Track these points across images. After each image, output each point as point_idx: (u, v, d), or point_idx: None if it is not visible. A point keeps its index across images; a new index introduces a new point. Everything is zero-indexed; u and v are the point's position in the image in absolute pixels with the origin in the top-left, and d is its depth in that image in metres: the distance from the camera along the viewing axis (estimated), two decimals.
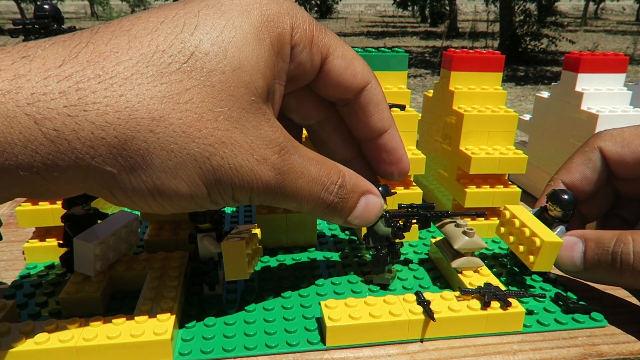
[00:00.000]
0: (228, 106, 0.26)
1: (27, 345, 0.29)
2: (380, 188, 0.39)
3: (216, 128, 0.26)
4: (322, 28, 0.33)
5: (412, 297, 0.34)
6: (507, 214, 0.41)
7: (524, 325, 0.34)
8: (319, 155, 0.32)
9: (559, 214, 0.40)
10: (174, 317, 0.32)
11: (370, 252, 0.40)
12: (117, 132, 0.24)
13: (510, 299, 0.34)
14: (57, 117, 0.23)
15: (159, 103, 0.25)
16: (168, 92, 0.25)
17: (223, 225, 0.39)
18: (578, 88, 0.54)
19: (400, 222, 0.40)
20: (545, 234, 0.37)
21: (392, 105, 0.47)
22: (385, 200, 0.39)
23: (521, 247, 0.39)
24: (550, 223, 0.40)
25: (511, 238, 0.40)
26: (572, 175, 0.43)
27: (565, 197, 0.39)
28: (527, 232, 0.38)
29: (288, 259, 0.44)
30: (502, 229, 0.42)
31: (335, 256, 0.45)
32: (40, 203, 0.42)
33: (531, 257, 0.37)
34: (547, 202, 0.40)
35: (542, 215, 0.41)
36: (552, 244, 0.37)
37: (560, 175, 0.43)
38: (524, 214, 0.40)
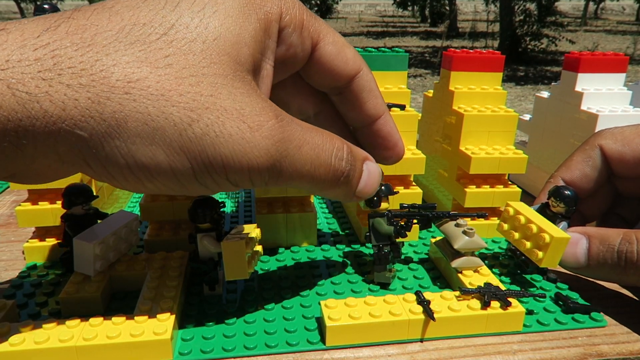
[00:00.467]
0: (212, 72, 0.25)
1: (27, 344, 0.29)
2: (382, 187, 0.39)
3: (199, 93, 0.25)
4: (313, 14, 0.32)
5: (412, 296, 0.34)
6: (511, 210, 0.41)
7: (524, 325, 0.34)
8: (316, 127, 0.30)
9: (562, 210, 0.40)
10: (173, 316, 0.32)
11: (371, 251, 0.40)
12: (91, 94, 0.23)
13: (510, 299, 0.34)
14: (30, 80, 0.23)
15: (136, 67, 0.24)
16: (146, 57, 0.24)
17: (223, 225, 0.39)
18: (578, 88, 0.54)
19: (401, 222, 0.40)
20: (552, 229, 0.37)
21: (392, 105, 0.47)
22: (387, 199, 0.39)
23: (527, 244, 0.39)
24: (553, 219, 0.40)
25: (515, 234, 0.40)
26: (572, 173, 0.43)
27: (568, 192, 0.40)
28: (534, 228, 0.38)
29: (288, 259, 0.44)
30: (505, 226, 0.41)
31: (335, 256, 0.45)
32: (40, 203, 0.42)
33: (539, 254, 0.37)
34: (548, 199, 0.41)
35: (544, 211, 0.41)
36: (560, 239, 0.37)
37: (560, 173, 0.44)
38: (527, 211, 0.40)
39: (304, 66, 0.33)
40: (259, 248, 0.38)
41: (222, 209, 0.39)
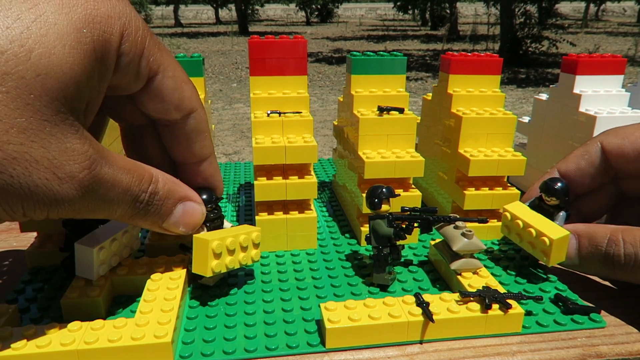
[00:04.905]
0: (25, 117, 0.23)
1: (28, 348, 0.29)
2: (384, 189, 0.39)
3: (6, 142, 0.22)
4: (157, 42, 0.30)
5: (411, 298, 0.35)
6: (508, 215, 0.42)
7: (523, 327, 0.35)
8: (130, 161, 0.30)
9: (557, 202, 0.41)
10: (174, 320, 0.32)
11: (371, 254, 0.40)
12: None
13: (509, 301, 0.34)
14: None
15: None
16: None
17: (221, 219, 0.40)
18: (576, 90, 0.55)
19: (402, 224, 0.40)
20: (550, 230, 0.38)
21: (390, 109, 0.47)
22: (389, 201, 0.39)
23: (532, 247, 0.40)
24: (551, 212, 0.41)
25: (519, 238, 0.41)
26: (567, 165, 0.44)
27: (557, 185, 0.40)
28: (533, 232, 0.39)
29: (288, 261, 0.44)
30: (507, 231, 0.42)
31: (335, 258, 0.45)
32: None
33: (545, 257, 0.38)
34: (541, 194, 0.41)
35: (540, 205, 0.42)
36: (560, 239, 0.38)
37: (557, 165, 0.44)
38: (524, 212, 0.41)
39: (137, 92, 0.32)
40: (252, 252, 0.38)
41: (218, 202, 0.39)
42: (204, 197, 0.37)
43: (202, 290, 0.39)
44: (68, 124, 0.25)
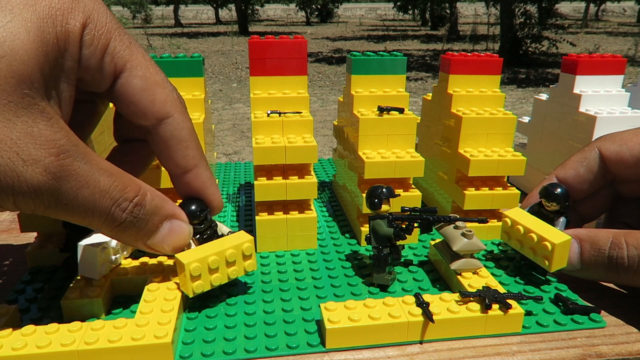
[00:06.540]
0: None
1: (29, 349, 0.29)
2: (384, 189, 0.39)
3: None
4: (128, 40, 0.30)
5: (411, 299, 0.35)
6: (508, 222, 0.41)
7: (523, 327, 0.35)
8: (116, 168, 0.29)
9: (557, 208, 0.40)
10: (174, 320, 0.32)
11: (371, 254, 0.40)
12: None
13: (509, 301, 0.34)
14: None
15: None
16: None
17: (213, 227, 0.39)
18: (576, 90, 0.55)
19: (403, 225, 0.40)
20: (552, 235, 0.38)
21: (390, 109, 0.48)
22: (389, 201, 0.39)
23: (533, 253, 0.39)
24: (551, 218, 0.41)
25: (520, 244, 0.41)
26: (566, 172, 0.44)
27: (557, 191, 0.40)
28: (535, 237, 0.39)
29: (288, 261, 0.44)
30: (507, 237, 0.42)
31: (335, 258, 0.45)
32: None
33: (546, 262, 0.38)
34: (541, 199, 0.41)
35: (540, 211, 0.42)
36: (562, 244, 0.37)
37: (556, 171, 0.44)
38: (524, 217, 0.41)
39: (107, 92, 0.31)
40: (245, 264, 0.37)
41: (206, 218, 0.37)
42: (192, 207, 0.35)
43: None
44: (37, 109, 0.25)
